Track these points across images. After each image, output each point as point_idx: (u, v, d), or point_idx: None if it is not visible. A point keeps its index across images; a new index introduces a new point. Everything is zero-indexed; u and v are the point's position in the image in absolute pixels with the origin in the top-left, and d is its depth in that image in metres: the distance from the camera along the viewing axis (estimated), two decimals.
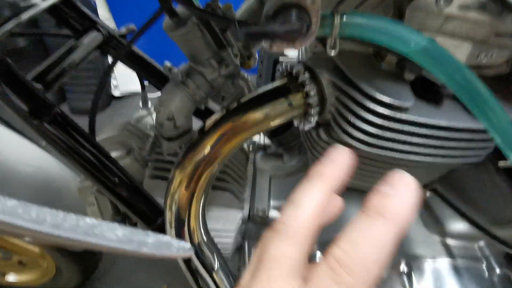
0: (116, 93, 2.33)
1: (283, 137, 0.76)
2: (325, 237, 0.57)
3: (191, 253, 0.17)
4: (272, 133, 0.77)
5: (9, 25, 0.47)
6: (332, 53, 0.28)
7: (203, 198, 0.49)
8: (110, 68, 0.52)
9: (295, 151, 0.75)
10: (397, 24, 0.25)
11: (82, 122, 0.55)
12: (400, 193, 0.20)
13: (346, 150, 0.23)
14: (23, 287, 1.18)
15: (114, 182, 0.53)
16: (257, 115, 0.46)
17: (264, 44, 0.24)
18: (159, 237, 0.19)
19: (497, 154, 0.64)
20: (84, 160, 0.48)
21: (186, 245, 0.18)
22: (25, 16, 0.50)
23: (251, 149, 0.83)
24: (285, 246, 0.20)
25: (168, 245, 0.17)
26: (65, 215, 0.20)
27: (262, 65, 2.07)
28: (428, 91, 0.43)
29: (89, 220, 0.20)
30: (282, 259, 0.19)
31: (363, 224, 0.20)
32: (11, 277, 1.18)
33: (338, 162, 0.23)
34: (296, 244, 0.20)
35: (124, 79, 2.26)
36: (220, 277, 0.55)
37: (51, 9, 0.57)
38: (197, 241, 0.51)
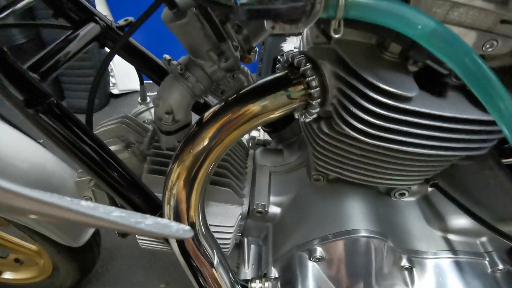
0: (115, 91, 2.32)
1: (283, 133, 0.75)
2: (325, 233, 0.56)
3: (191, 235, 0.16)
4: (272, 129, 0.77)
5: (4, 14, 0.46)
6: (336, 36, 0.27)
7: (202, 192, 0.49)
8: (107, 59, 0.51)
9: (295, 147, 0.74)
10: (404, 5, 0.25)
11: (81, 120, 0.54)
12: None
13: None
14: (20, 285, 1.17)
15: (112, 175, 0.52)
16: (257, 107, 0.45)
17: (267, 25, 0.24)
18: (157, 220, 0.18)
19: (499, 151, 0.64)
20: (81, 152, 0.47)
21: (185, 227, 0.17)
22: (20, 4, 0.49)
23: (251, 145, 0.82)
24: None
25: (167, 226, 0.16)
26: (61, 197, 0.20)
27: (262, 63, 2.06)
28: (432, 82, 0.42)
29: (84, 203, 0.20)
30: None
31: None
32: (7, 275, 1.16)
33: None
34: None
35: (123, 77, 2.25)
36: (219, 273, 0.54)
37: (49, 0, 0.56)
38: (196, 236, 0.50)
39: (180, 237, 0.15)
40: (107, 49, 0.64)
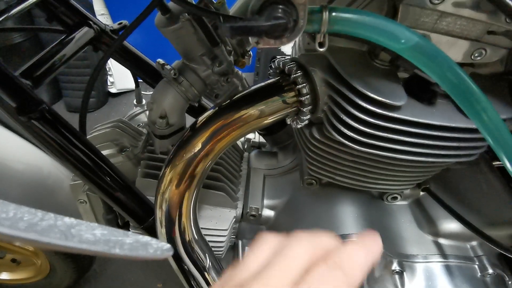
0: (112, 90, 2.32)
1: (278, 136, 0.76)
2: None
3: (169, 254, 0.17)
4: (267, 132, 0.77)
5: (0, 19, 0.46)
6: (321, 50, 0.27)
7: (194, 196, 0.49)
8: (100, 64, 0.51)
9: (290, 150, 0.74)
10: (388, 20, 0.25)
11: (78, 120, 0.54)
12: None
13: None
14: (17, 285, 1.17)
15: (105, 180, 0.53)
16: (249, 112, 0.45)
17: (251, 40, 0.24)
18: (138, 238, 0.18)
19: (492, 154, 0.64)
20: (73, 158, 0.48)
21: (165, 245, 0.17)
22: (15, 10, 0.49)
23: (246, 147, 0.83)
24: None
25: (145, 246, 0.17)
26: (44, 214, 0.20)
27: (259, 63, 2.06)
28: (422, 90, 0.42)
29: (67, 220, 0.20)
30: None
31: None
32: (4, 276, 1.17)
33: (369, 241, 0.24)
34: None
35: (121, 76, 2.25)
36: (212, 276, 0.55)
37: (42, 4, 0.56)
38: (188, 240, 0.51)
39: (158, 257, 0.16)
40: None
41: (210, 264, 0.54)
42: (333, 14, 0.24)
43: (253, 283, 0.20)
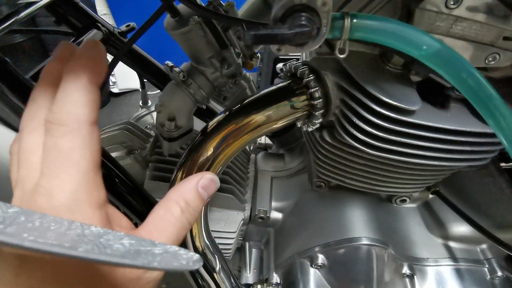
0: (115, 90, 2.32)
1: (285, 138, 0.76)
2: (327, 240, 0.57)
3: (200, 265, 0.16)
4: (273, 134, 0.77)
5: (8, 23, 0.46)
6: (341, 56, 0.27)
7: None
8: (110, 66, 0.51)
9: (297, 152, 0.74)
10: (409, 27, 0.25)
11: None
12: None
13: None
14: None
15: (114, 182, 0.53)
16: (260, 117, 0.45)
17: (272, 47, 0.24)
18: (166, 248, 0.18)
19: (500, 155, 0.64)
20: None
21: (195, 255, 0.17)
22: (23, 13, 0.49)
23: (252, 149, 0.82)
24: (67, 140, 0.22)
25: (176, 256, 0.17)
26: (70, 223, 0.20)
27: (263, 63, 2.06)
28: (435, 94, 0.42)
29: (94, 229, 0.20)
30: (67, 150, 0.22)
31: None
32: None
33: (86, 56, 0.24)
34: (77, 135, 0.22)
35: (123, 76, 2.25)
36: (221, 278, 0.55)
37: (50, 7, 0.56)
38: (199, 243, 0.51)
39: (191, 268, 0.16)
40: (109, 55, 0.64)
41: (220, 266, 0.54)
42: (355, 21, 0.24)
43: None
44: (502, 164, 0.66)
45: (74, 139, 0.22)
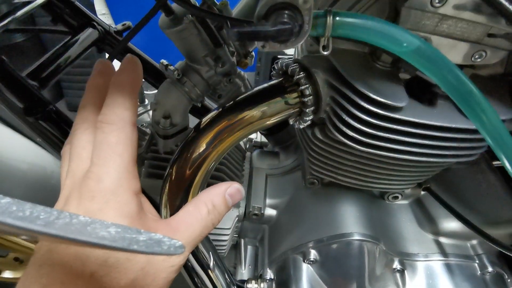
0: None
1: (280, 136, 0.76)
2: (319, 236, 0.57)
3: (182, 251, 0.17)
4: (268, 132, 0.78)
5: (5, 21, 0.47)
6: (325, 53, 0.28)
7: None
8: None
9: (291, 150, 0.75)
10: (390, 24, 0.26)
11: None
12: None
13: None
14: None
15: None
16: (252, 113, 0.46)
17: (257, 44, 0.24)
18: (151, 235, 0.19)
19: (491, 153, 0.65)
20: None
21: (177, 242, 0.18)
22: (20, 12, 0.50)
23: (248, 147, 0.83)
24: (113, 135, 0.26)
25: (159, 243, 0.17)
26: (59, 212, 0.21)
27: (260, 63, 2.07)
28: (423, 91, 0.43)
29: (82, 218, 0.20)
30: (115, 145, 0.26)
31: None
32: (6, 274, 1.17)
33: (128, 70, 0.30)
34: (122, 132, 0.27)
35: None
36: (215, 274, 0.55)
37: (47, 5, 0.57)
38: None
39: (172, 254, 0.16)
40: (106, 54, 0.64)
41: (214, 262, 0.54)
42: (337, 18, 0.25)
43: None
44: (495, 163, 0.67)
45: (119, 135, 0.26)
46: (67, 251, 0.23)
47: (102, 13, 2.12)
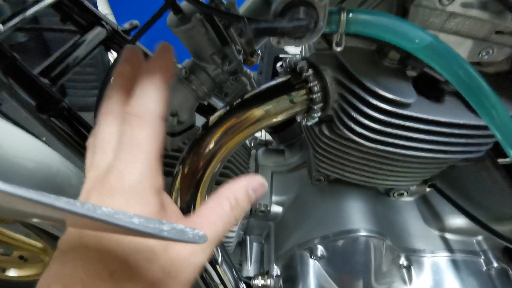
0: None
1: (285, 133, 0.77)
2: (326, 232, 0.58)
3: (205, 240, 0.18)
4: (274, 130, 0.78)
5: (15, 21, 0.48)
6: (338, 49, 0.29)
7: (207, 193, 0.50)
8: (114, 64, 0.52)
9: (297, 147, 0.75)
10: (402, 21, 0.26)
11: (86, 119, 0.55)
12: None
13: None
14: (25, 282, 1.19)
15: None
16: (260, 111, 0.46)
17: (272, 40, 0.25)
18: (173, 225, 0.19)
19: (496, 151, 0.65)
20: None
21: (200, 232, 0.18)
22: (30, 11, 0.50)
23: (253, 145, 0.84)
24: (140, 130, 0.25)
25: (183, 232, 0.18)
26: (83, 204, 0.21)
27: (263, 62, 2.07)
28: (430, 88, 0.43)
29: (105, 209, 0.21)
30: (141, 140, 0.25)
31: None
32: (11, 273, 1.18)
33: (161, 58, 0.28)
34: (149, 127, 0.25)
35: None
36: (223, 269, 0.56)
37: (56, 5, 0.57)
38: None
39: (197, 242, 0.17)
40: (114, 52, 0.65)
41: (222, 258, 0.55)
42: (350, 15, 0.26)
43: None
44: (500, 160, 0.67)
45: (146, 129, 0.25)
46: (87, 250, 0.23)
47: (105, 13, 2.12)
